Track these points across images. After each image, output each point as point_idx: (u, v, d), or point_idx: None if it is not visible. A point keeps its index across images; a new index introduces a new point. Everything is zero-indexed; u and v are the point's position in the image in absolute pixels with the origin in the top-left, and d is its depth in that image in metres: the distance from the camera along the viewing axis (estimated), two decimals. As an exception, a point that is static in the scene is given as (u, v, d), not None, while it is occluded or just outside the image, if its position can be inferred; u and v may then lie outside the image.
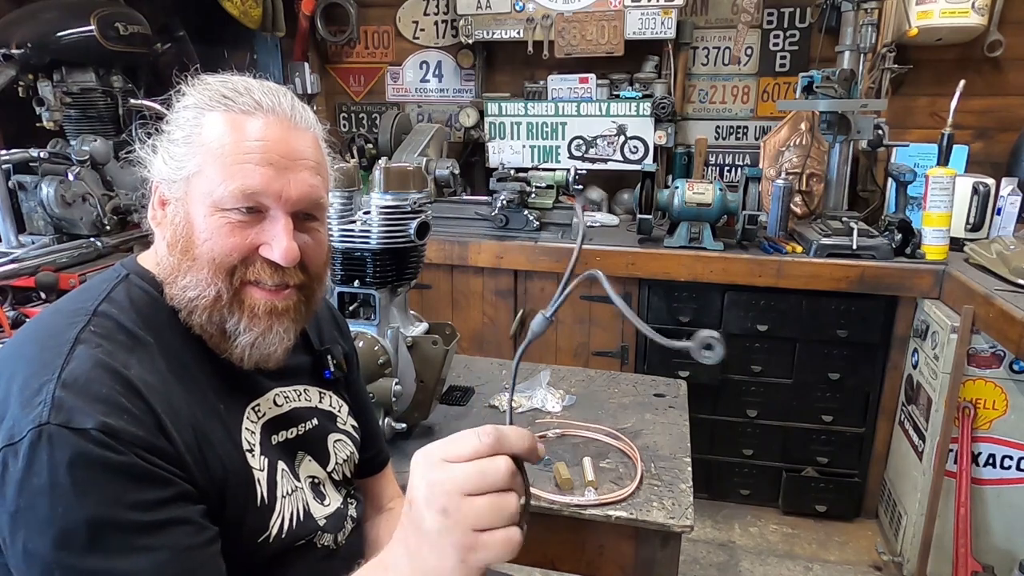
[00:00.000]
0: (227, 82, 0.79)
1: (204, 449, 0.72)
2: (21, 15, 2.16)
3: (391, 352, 1.32)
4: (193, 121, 0.76)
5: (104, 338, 0.70)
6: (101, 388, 0.66)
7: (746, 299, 2.34)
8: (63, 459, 0.62)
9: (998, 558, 2.01)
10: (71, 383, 0.65)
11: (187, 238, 0.75)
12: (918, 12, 2.37)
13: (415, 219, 1.30)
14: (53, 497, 0.62)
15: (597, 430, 1.42)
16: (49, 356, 0.67)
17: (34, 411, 0.63)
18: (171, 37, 2.67)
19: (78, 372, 0.66)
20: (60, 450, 0.62)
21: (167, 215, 0.77)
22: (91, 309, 0.73)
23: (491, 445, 0.55)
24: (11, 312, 1.84)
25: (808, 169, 2.57)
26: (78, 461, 0.62)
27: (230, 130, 0.74)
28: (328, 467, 0.92)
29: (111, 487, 0.63)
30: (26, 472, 0.62)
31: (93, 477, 0.63)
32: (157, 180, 0.78)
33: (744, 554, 2.34)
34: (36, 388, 0.65)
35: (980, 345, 1.96)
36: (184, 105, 0.78)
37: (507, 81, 3.06)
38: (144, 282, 0.78)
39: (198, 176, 0.74)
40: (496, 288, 2.53)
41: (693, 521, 1.15)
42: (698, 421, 1.80)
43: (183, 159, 0.75)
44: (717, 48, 2.85)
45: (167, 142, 0.78)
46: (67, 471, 0.62)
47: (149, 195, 0.80)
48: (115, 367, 0.68)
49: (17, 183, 2.07)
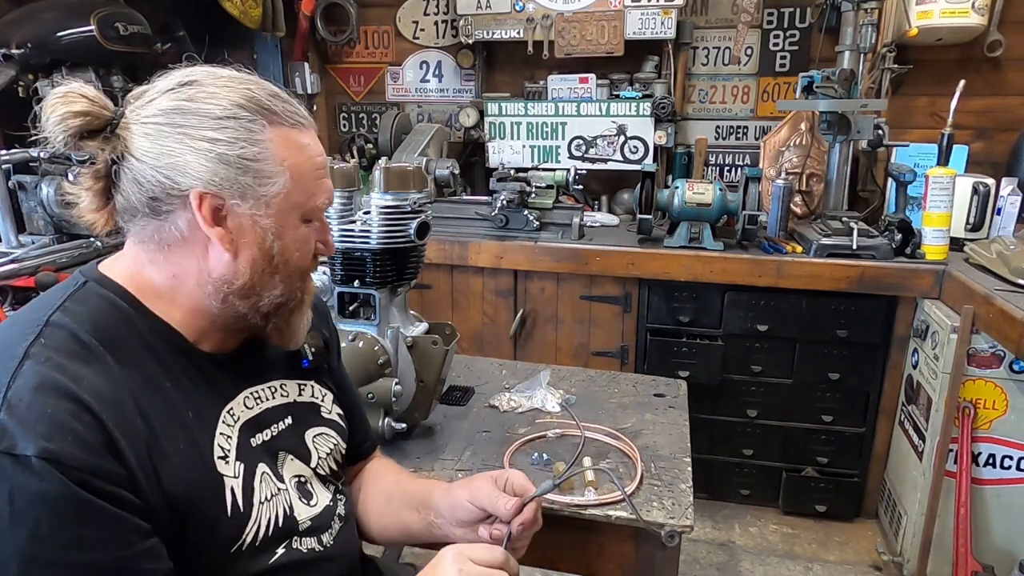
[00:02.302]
0: (250, 90, 0.76)
1: (158, 463, 0.70)
2: (21, 15, 2.16)
3: (391, 352, 1.32)
4: (261, 136, 0.74)
5: (54, 350, 0.68)
6: (46, 408, 0.63)
7: (746, 299, 2.34)
8: (3, 490, 0.60)
9: (998, 558, 2.01)
10: (15, 404, 0.63)
11: (279, 251, 0.78)
12: (918, 12, 2.37)
13: (415, 219, 1.30)
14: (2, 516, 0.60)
15: (597, 430, 1.42)
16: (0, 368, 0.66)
17: None
18: (171, 37, 2.67)
19: (22, 392, 0.64)
20: (17, 473, 0.60)
21: (239, 230, 0.75)
22: (44, 319, 0.70)
23: (503, 562, 0.76)
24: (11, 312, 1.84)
25: (808, 169, 2.57)
26: (17, 493, 0.60)
27: (302, 147, 0.78)
28: (312, 463, 0.91)
29: (48, 523, 0.61)
30: None
31: (30, 511, 0.61)
32: (205, 189, 0.73)
33: (744, 554, 2.34)
34: None
35: (980, 345, 1.96)
36: (234, 117, 0.73)
37: (507, 81, 3.06)
38: (105, 290, 0.76)
39: (287, 193, 0.76)
40: (496, 288, 2.53)
41: (693, 521, 1.15)
42: (698, 421, 1.80)
43: (268, 178, 0.75)
44: (717, 48, 2.85)
45: (235, 156, 0.73)
46: (6, 502, 0.60)
47: (160, 197, 0.73)
48: (62, 383, 0.65)
49: (17, 183, 2.07)
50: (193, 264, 0.76)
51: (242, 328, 0.83)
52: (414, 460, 1.32)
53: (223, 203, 0.74)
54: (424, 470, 1.29)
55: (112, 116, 0.73)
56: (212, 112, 0.73)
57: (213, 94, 0.74)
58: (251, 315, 0.80)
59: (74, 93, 0.71)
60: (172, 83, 0.75)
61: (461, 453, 1.35)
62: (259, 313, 0.81)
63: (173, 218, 0.74)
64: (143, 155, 0.72)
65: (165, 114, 0.72)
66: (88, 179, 0.75)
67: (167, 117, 0.72)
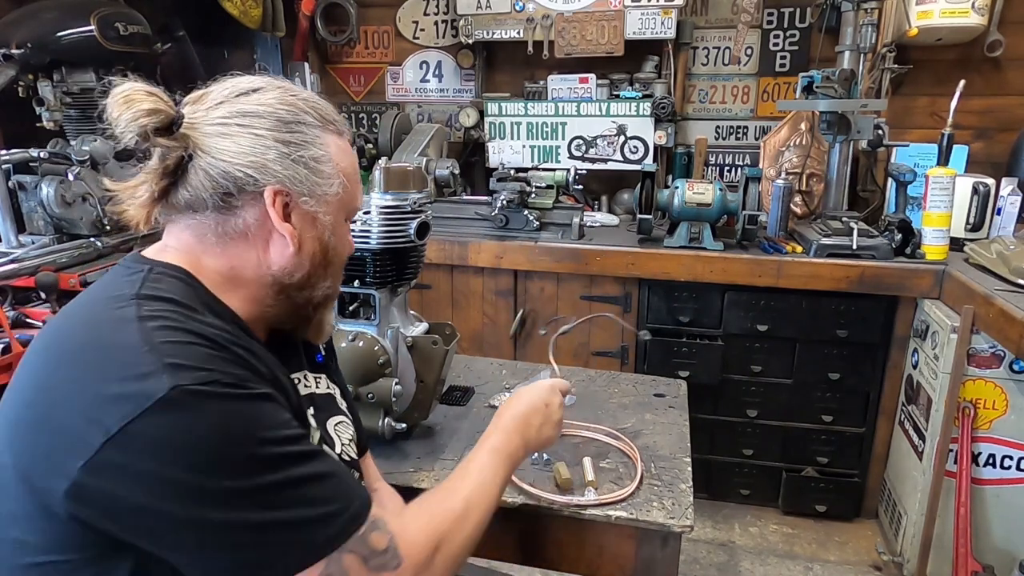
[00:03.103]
0: (313, 99, 0.84)
1: (291, 399, 0.79)
2: (21, 15, 2.15)
3: (391, 352, 1.32)
4: (321, 141, 0.82)
5: (163, 314, 0.71)
6: (199, 348, 0.69)
7: (746, 299, 2.34)
8: (211, 406, 0.65)
9: (998, 558, 2.01)
10: (170, 351, 0.66)
11: (333, 246, 0.86)
12: (918, 12, 2.37)
13: (415, 219, 1.30)
14: (214, 440, 0.64)
15: (597, 430, 1.42)
16: (122, 337, 0.68)
17: (148, 382, 0.64)
18: (171, 37, 2.67)
19: (168, 339, 0.67)
20: (204, 400, 0.65)
21: (303, 225, 0.81)
22: (134, 294, 0.73)
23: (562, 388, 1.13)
24: (11, 312, 1.84)
25: (808, 169, 2.57)
26: (226, 401, 0.66)
27: (347, 153, 0.86)
28: (336, 450, 0.93)
29: (262, 412, 0.69)
30: (176, 433, 0.63)
31: (244, 408, 0.68)
32: (280, 187, 0.78)
33: (744, 554, 2.34)
34: (133, 364, 0.65)
35: (980, 345, 1.96)
36: (301, 122, 0.80)
37: (507, 81, 3.06)
38: (172, 271, 0.78)
39: (342, 195, 0.84)
40: (496, 288, 2.53)
41: (693, 521, 1.15)
42: (698, 421, 1.80)
43: (329, 179, 0.82)
44: (717, 48, 2.85)
45: (305, 158, 0.80)
46: (220, 413, 0.66)
47: (234, 193, 0.78)
48: (195, 330, 0.70)
49: (17, 183, 2.07)
50: (252, 257, 0.80)
51: (286, 321, 0.88)
52: (414, 460, 1.32)
53: (292, 200, 0.80)
54: (424, 470, 1.29)
55: (177, 114, 0.76)
56: (284, 117, 0.79)
57: (283, 100, 0.80)
58: (303, 307, 0.86)
59: (141, 91, 0.73)
60: (236, 89, 0.80)
61: (461, 453, 1.35)
62: (311, 304, 0.87)
63: (241, 212, 0.78)
64: (220, 153, 0.76)
65: (239, 116, 0.78)
66: (152, 175, 0.77)
67: (242, 119, 0.77)
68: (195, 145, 0.76)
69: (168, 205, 0.79)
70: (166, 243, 0.82)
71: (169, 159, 0.76)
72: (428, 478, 1.26)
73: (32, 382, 0.71)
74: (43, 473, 0.65)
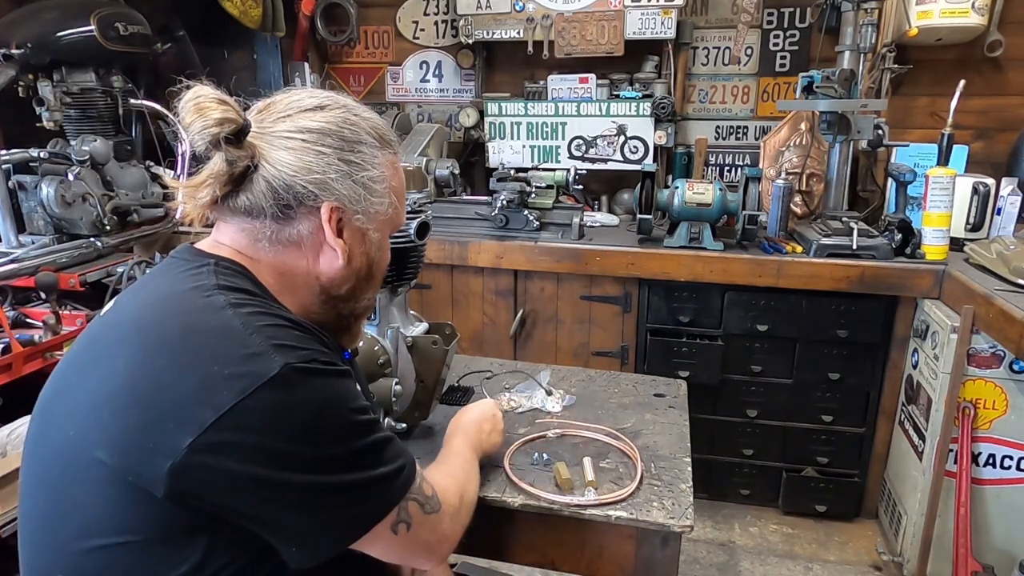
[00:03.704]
0: (372, 119, 0.88)
1: None
2: (21, 15, 2.16)
3: (391, 352, 1.32)
4: (378, 161, 0.86)
5: (249, 304, 0.76)
6: (291, 331, 0.75)
7: (746, 299, 2.34)
8: (317, 382, 0.73)
9: (998, 558, 2.01)
10: (271, 334, 0.73)
11: (377, 262, 0.91)
12: (918, 12, 2.37)
13: (415, 219, 1.30)
14: (318, 415, 0.72)
15: (597, 430, 1.42)
16: (222, 322, 0.73)
17: (259, 362, 0.70)
18: (171, 37, 2.67)
19: (266, 323, 0.74)
20: (312, 376, 0.72)
21: (354, 240, 0.86)
22: (214, 284, 0.77)
23: None
24: (11, 312, 1.84)
25: (808, 169, 2.57)
26: (328, 378, 0.74)
27: (399, 172, 0.90)
28: None
29: (349, 388, 0.78)
30: (289, 408, 0.70)
31: (343, 384, 0.77)
32: (337, 204, 0.82)
33: (744, 554, 2.34)
34: (239, 345, 0.71)
35: (980, 345, 1.96)
36: (362, 142, 0.84)
37: (507, 81, 3.06)
38: (237, 267, 0.82)
39: (393, 212, 0.89)
40: (496, 288, 2.53)
41: (693, 521, 1.15)
42: (698, 421, 1.79)
43: (382, 196, 0.86)
44: (717, 48, 2.85)
45: (363, 177, 0.84)
46: (325, 389, 0.74)
47: (293, 205, 0.81)
48: (281, 314, 0.77)
49: (17, 183, 2.07)
50: (302, 265, 0.84)
51: (327, 327, 0.90)
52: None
53: (345, 216, 0.84)
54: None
55: (245, 123, 0.79)
56: (347, 137, 0.83)
57: (347, 120, 0.84)
58: (346, 316, 0.92)
59: (212, 99, 0.76)
60: (305, 104, 0.83)
61: (461, 453, 1.35)
62: (353, 315, 0.93)
63: (297, 223, 0.82)
64: (283, 166, 0.80)
65: (306, 132, 0.81)
66: (222, 180, 0.79)
67: (310, 135, 0.81)
68: (260, 155, 0.80)
69: (224, 207, 0.82)
70: (218, 240, 0.85)
71: (236, 167, 0.79)
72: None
73: (127, 368, 0.73)
74: (143, 453, 0.68)
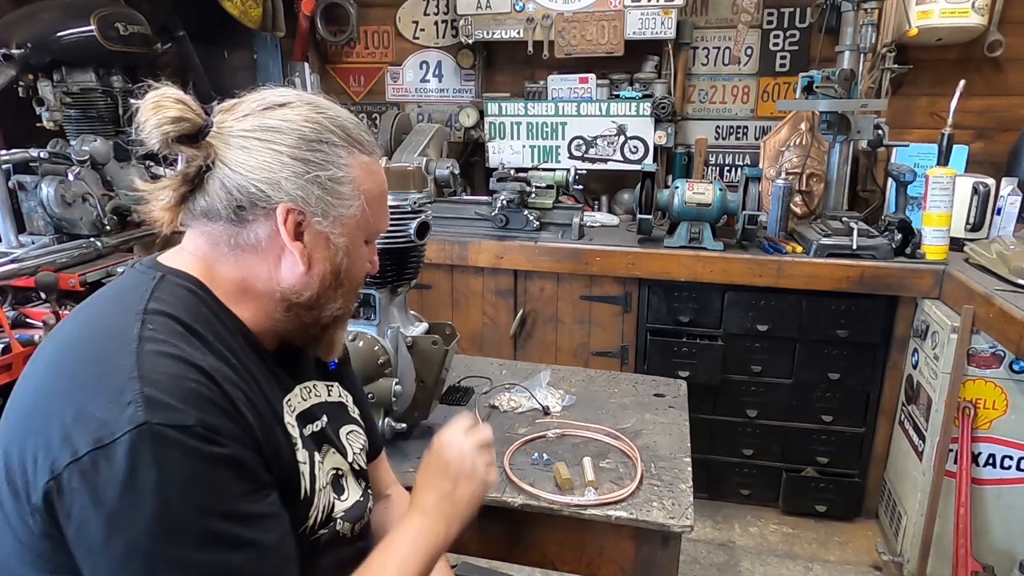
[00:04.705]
0: (340, 118, 0.82)
1: (270, 439, 0.76)
2: (21, 15, 2.15)
3: (391, 352, 1.32)
4: (344, 162, 0.80)
5: (167, 334, 0.71)
6: (187, 383, 0.67)
7: (746, 299, 2.34)
8: (171, 456, 0.64)
9: (998, 558, 2.01)
10: (155, 381, 0.66)
11: (346, 268, 0.84)
12: (918, 12, 2.37)
13: (415, 219, 1.30)
14: (162, 494, 0.63)
15: (597, 430, 1.42)
16: (116, 356, 0.68)
17: (125, 411, 0.64)
18: (171, 37, 2.67)
19: (158, 371, 0.67)
20: (167, 447, 0.64)
21: (315, 245, 0.80)
22: (141, 309, 0.73)
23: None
24: (11, 312, 1.84)
25: (808, 169, 2.57)
26: (187, 457, 0.65)
27: (373, 174, 0.85)
28: (348, 459, 0.94)
29: (219, 480, 0.67)
30: (130, 472, 0.63)
31: (202, 471, 0.66)
32: (293, 205, 0.78)
33: (744, 554, 2.34)
34: (118, 388, 0.65)
35: (980, 345, 1.96)
36: (324, 141, 0.79)
37: (507, 81, 3.06)
38: (183, 281, 0.79)
39: (361, 216, 0.83)
40: (496, 288, 2.53)
41: (693, 521, 1.15)
42: (698, 421, 1.80)
43: (347, 199, 0.81)
44: (717, 48, 2.85)
45: (324, 178, 0.79)
46: (176, 467, 0.64)
47: (246, 207, 0.77)
48: (191, 360, 0.69)
49: (17, 183, 2.07)
50: (264, 271, 0.80)
51: (295, 337, 0.87)
52: (414, 460, 1.32)
53: (305, 219, 0.79)
54: (424, 470, 1.29)
55: (204, 123, 0.76)
56: (306, 135, 0.78)
57: (308, 118, 0.79)
58: (311, 326, 0.86)
59: (169, 97, 0.73)
60: (266, 102, 0.79)
61: (461, 453, 1.35)
62: (319, 324, 0.86)
63: (254, 226, 0.78)
64: (238, 166, 0.76)
65: (261, 131, 0.77)
66: (176, 180, 0.78)
67: (263, 134, 0.77)
68: (216, 155, 0.77)
69: (187, 210, 0.80)
70: (184, 247, 0.83)
71: (190, 167, 0.77)
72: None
73: (35, 387, 0.71)
74: (24, 483, 0.66)
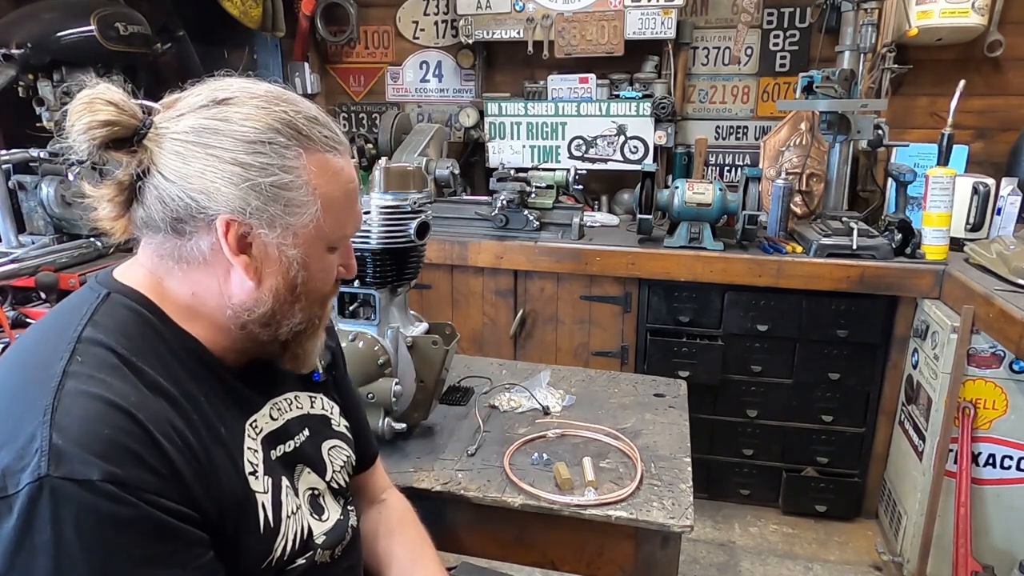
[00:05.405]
0: (287, 114, 0.72)
1: (208, 476, 0.69)
2: (21, 15, 2.16)
3: (391, 352, 1.32)
4: (294, 164, 0.71)
5: (95, 367, 0.65)
6: (102, 429, 0.61)
7: (746, 299, 2.34)
8: (69, 516, 0.58)
9: (998, 558, 2.01)
10: (67, 427, 0.60)
11: (303, 281, 0.76)
12: (918, 12, 2.37)
13: (415, 219, 1.30)
14: (58, 556, 0.58)
15: (597, 430, 1.42)
16: (36, 394, 0.62)
17: (30, 461, 0.59)
18: (171, 37, 2.67)
19: (73, 414, 0.61)
20: (65, 506, 0.58)
21: (263, 258, 0.73)
22: (75, 336, 0.67)
23: None
24: (11, 312, 1.84)
25: (808, 169, 2.57)
26: (86, 517, 0.59)
27: (336, 175, 0.75)
28: (327, 477, 0.90)
29: (120, 543, 0.60)
30: (23, 528, 0.58)
31: (102, 534, 0.60)
32: (233, 217, 0.69)
33: (744, 554, 2.34)
34: (29, 434, 0.60)
35: (980, 345, 1.96)
36: (269, 142, 0.70)
37: (507, 81, 3.06)
38: (130, 300, 0.73)
39: (317, 223, 0.74)
40: (496, 288, 2.53)
41: (693, 521, 1.15)
42: (698, 421, 1.80)
43: (298, 206, 0.72)
44: (717, 48, 2.85)
45: (267, 184, 0.70)
46: (74, 528, 0.58)
47: (184, 218, 0.70)
48: (113, 401, 0.63)
49: (17, 183, 2.07)
50: (214, 285, 0.73)
51: (257, 354, 0.82)
52: (414, 460, 1.32)
53: (250, 231, 0.71)
54: (424, 470, 1.29)
55: (139, 125, 0.69)
56: (246, 135, 0.69)
57: (248, 115, 0.70)
58: (269, 342, 0.79)
59: (101, 100, 0.67)
60: (205, 99, 0.71)
61: (461, 453, 1.35)
62: (277, 340, 0.79)
63: (196, 240, 0.71)
64: (171, 174, 0.69)
65: (196, 132, 0.69)
66: (110, 189, 0.71)
67: (199, 136, 0.69)
68: (151, 162, 0.69)
69: (131, 221, 0.73)
70: (136, 259, 0.77)
71: (122, 175, 0.70)
72: (428, 478, 1.26)
73: None
74: None
